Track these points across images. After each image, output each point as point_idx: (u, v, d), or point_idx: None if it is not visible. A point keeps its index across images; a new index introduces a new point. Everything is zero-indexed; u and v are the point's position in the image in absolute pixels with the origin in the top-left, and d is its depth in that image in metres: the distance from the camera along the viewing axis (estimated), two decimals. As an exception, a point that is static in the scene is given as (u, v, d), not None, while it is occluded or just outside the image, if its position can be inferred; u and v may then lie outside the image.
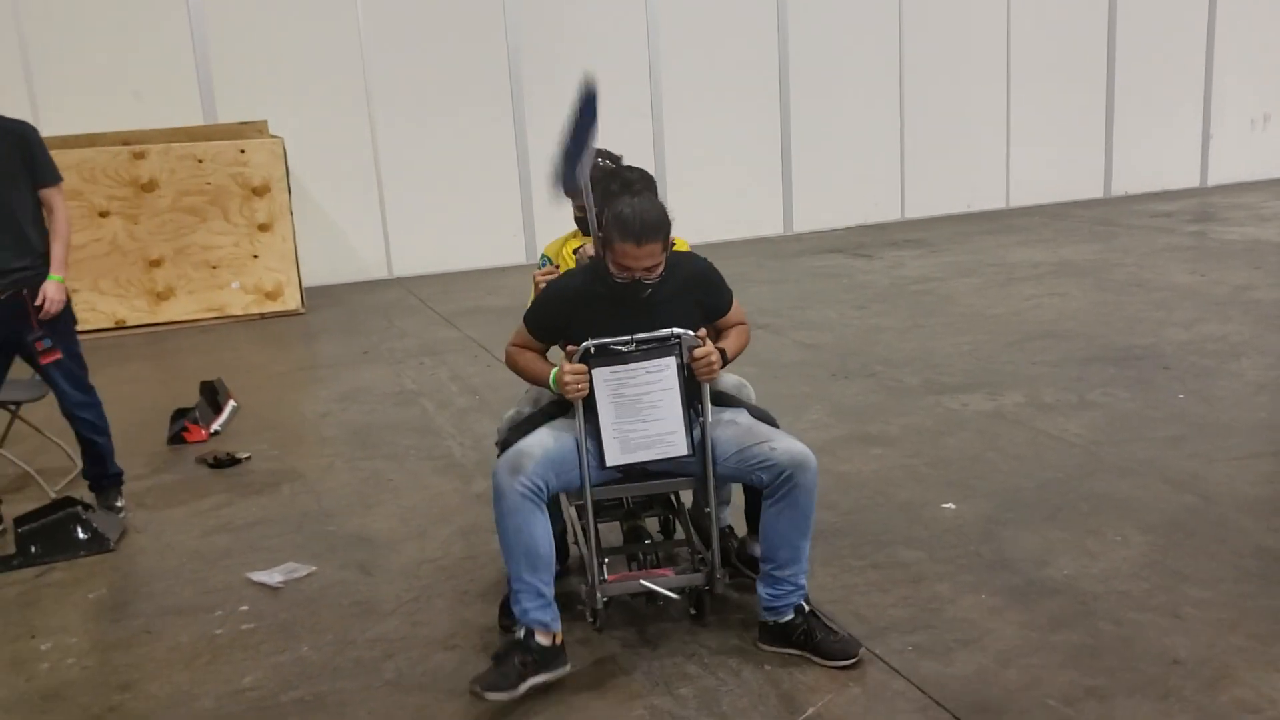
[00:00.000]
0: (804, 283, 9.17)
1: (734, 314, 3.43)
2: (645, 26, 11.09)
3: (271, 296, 9.08)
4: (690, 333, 3.13)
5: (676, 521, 3.78)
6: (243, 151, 8.86)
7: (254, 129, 9.33)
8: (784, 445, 3.12)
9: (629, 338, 3.10)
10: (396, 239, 10.75)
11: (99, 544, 4.31)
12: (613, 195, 3.27)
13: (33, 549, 4.24)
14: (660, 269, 3.14)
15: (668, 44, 11.13)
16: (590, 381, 3.10)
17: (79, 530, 4.31)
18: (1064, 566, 3.70)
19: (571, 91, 3.37)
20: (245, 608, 3.77)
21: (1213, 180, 13.58)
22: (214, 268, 8.92)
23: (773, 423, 3.31)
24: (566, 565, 3.69)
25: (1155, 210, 11.93)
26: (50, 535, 4.28)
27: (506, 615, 3.29)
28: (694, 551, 3.47)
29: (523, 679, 2.96)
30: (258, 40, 9.97)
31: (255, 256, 9.00)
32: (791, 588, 3.18)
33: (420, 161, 10.62)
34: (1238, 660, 3.07)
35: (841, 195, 11.93)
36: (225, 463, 5.27)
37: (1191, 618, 3.32)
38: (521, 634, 3.04)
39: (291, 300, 9.13)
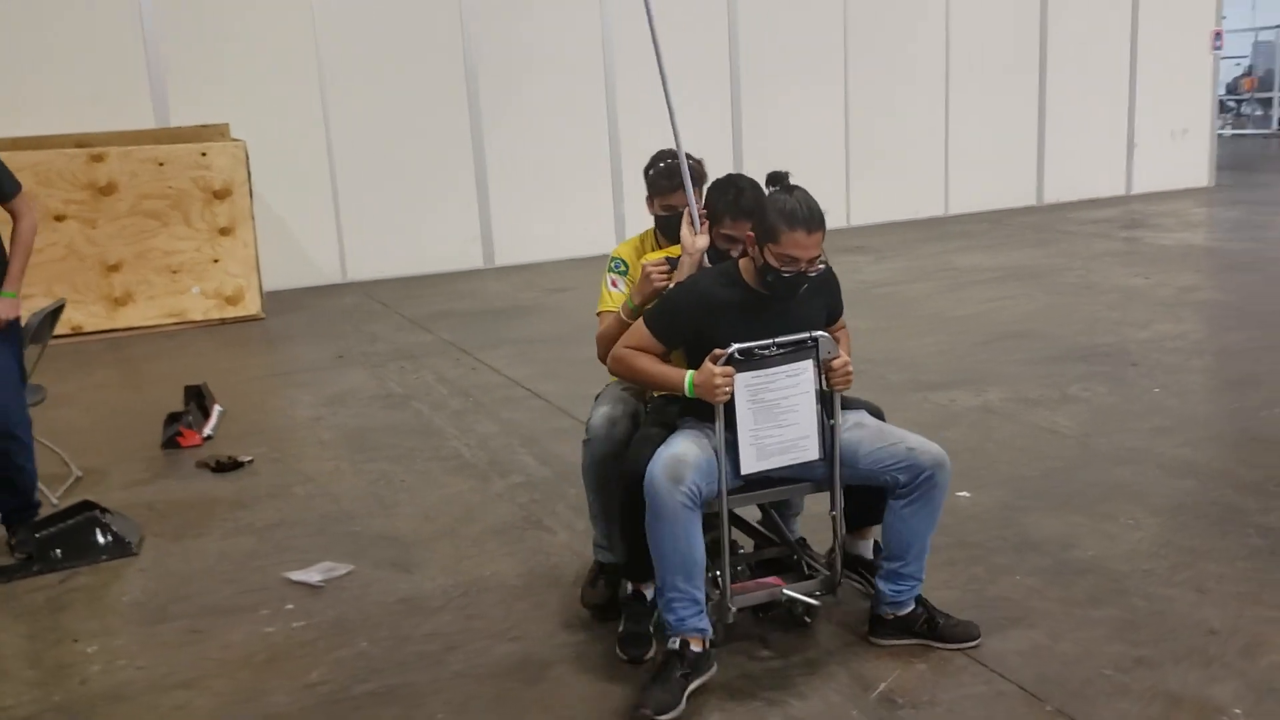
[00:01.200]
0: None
1: (843, 318, 3.45)
2: (600, 34, 11.19)
3: (232, 301, 8.97)
4: (827, 335, 3.09)
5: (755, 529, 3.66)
6: (204, 155, 8.75)
7: (215, 132, 9.22)
8: (921, 445, 3.13)
9: (770, 341, 3.01)
10: (352, 243, 10.68)
11: (121, 548, 4.26)
12: (729, 200, 3.31)
13: (54, 553, 4.18)
14: (821, 263, 3.09)
15: (621, 53, 11.24)
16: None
17: (100, 534, 4.26)
18: (1088, 548, 3.89)
19: (527, 94, 3.34)
20: (290, 606, 3.77)
21: (1136, 189, 14.13)
22: (174, 272, 8.78)
23: (882, 418, 3.34)
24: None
25: (1087, 217, 12.39)
26: (71, 539, 4.22)
27: (625, 643, 3.28)
28: (797, 557, 3.44)
29: (683, 689, 2.94)
30: (211, 43, 9.85)
31: (216, 261, 8.88)
32: (915, 583, 3.24)
33: (376, 165, 10.58)
34: (1267, 629, 3.27)
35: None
36: (228, 466, 5.23)
37: (1215, 591, 3.52)
38: (676, 643, 3.00)
39: (252, 305, 9.03)
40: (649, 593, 3.34)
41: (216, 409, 6.12)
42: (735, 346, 2.98)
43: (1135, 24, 13.76)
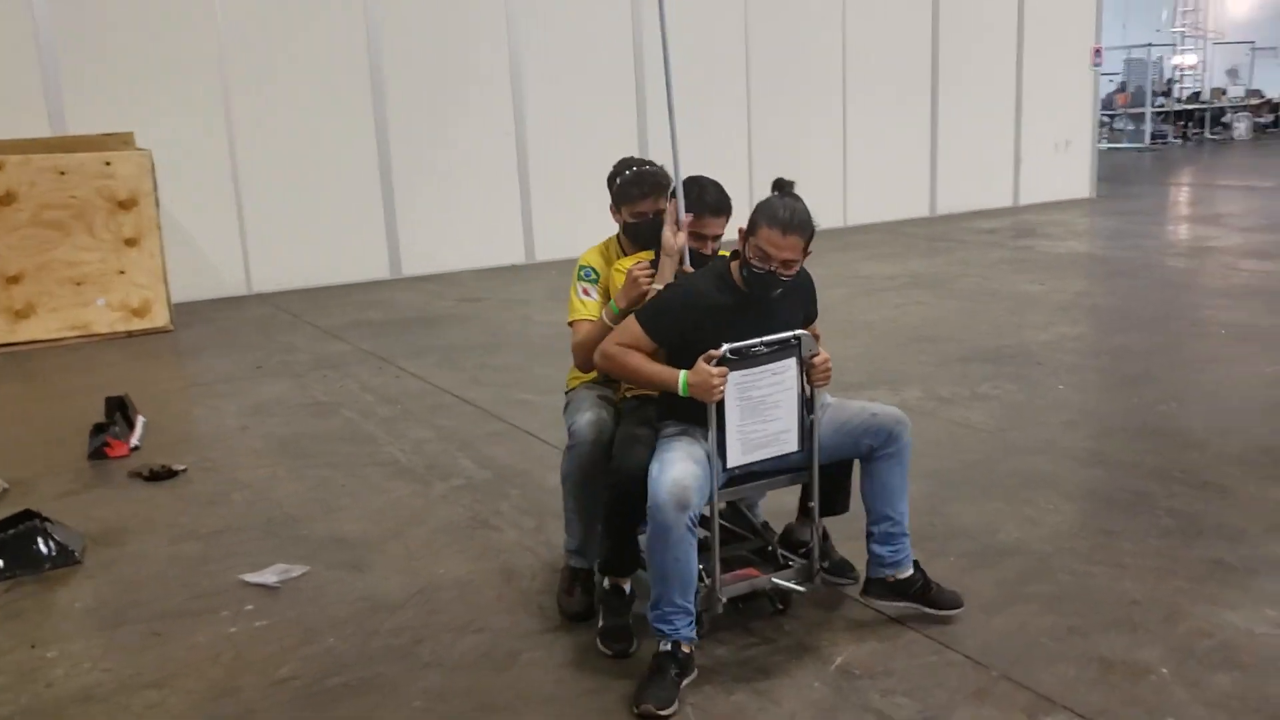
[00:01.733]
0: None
1: (817, 322, 3.62)
2: (508, 44, 11.28)
3: (139, 314, 8.80)
4: (808, 334, 3.26)
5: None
6: (108, 164, 8.58)
7: (119, 140, 9.05)
8: (881, 409, 3.37)
9: (758, 340, 3.14)
10: (257, 254, 10.56)
11: (65, 557, 4.22)
12: (693, 198, 3.50)
13: (-5, 563, 4.13)
14: (796, 269, 3.22)
15: (529, 62, 11.36)
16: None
17: (43, 543, 4.21)
18: (1011, 532, 4.15)
19: (434, 104, 3.38)
20: (250, 607, 3.80)
21: (1024, 200, 14.76)
22: (78, 284, 8.58)
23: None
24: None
25: (979, 227, 12.90)
26: (13, 549, 4.16)
27: (607, 637, 3.39)
28: (772, 548, 3.57)
29: (678, 687, 3.07)
30: (110, 50, 9.66)
31: (122, 272, 8.70)
32: (906, 539, 3.43)
33: (281, 175, 10.47)
34: (1183, 599, 3.55)
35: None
36: (162, 475, 5.19)
37: (1133, 567, 3.80)
38: (669, 646, 3.12)
39: (160, 317, 8.87)
40: (627, 587, 3.46)
41: (140, 419, 6.05)
42: (727, 347, 3.10)
43: (1021, 42, 14.39)
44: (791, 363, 3.22)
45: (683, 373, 3.15)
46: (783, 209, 3.18)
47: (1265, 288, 8.59)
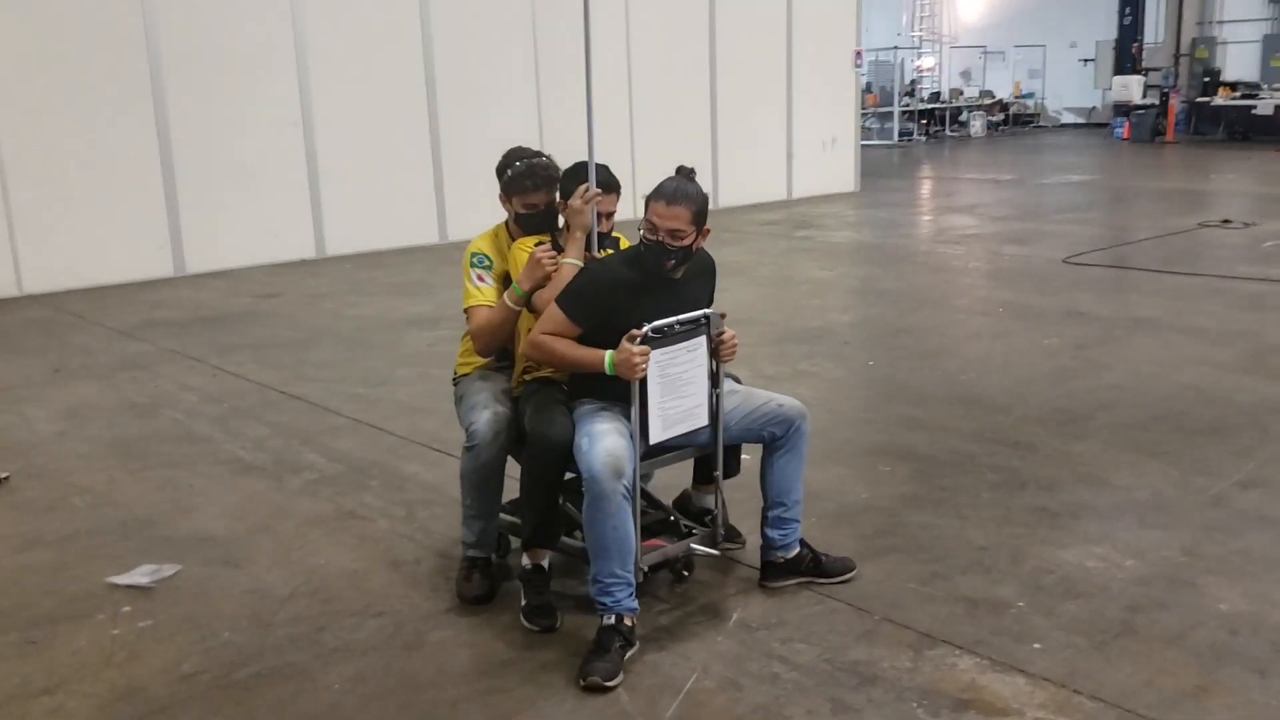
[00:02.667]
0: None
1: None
2: (292, 30, 11.00)
3: (-96, 319, 8.14)
4: (715, 314, 3.44)
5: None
6: None
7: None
8: (786, 401, 3.60)
9: (674, 319, 3.30)
10: (27, 253, 9.89)
11: (-99, 571, 3.95)
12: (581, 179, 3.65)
13: None
14: (686, 240, 3.37)
15: (314, 51, 11.11)
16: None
17: (-126, 559, 3.93)
18: (861, 492, 4.50)
19: (218, 92, 3.43)
20: (128, 609, 3.68)
21: (797, 194, 15.55)
22: None
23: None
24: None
25: (761, 219, 13.52)
26: None
27: (532, 614, 3.47)
28: (674, 519, 3.73)
29: (623, 658, 3.18)
30: None
31: (-117, 274, 8.03)
32: (796, 524, 3.66)
33: (52, 167, 9.85)
34: (1022, 542, 3.98)
35: (497, 203, 12.44)
36: (-16, 484, 4.90)
37: (974, 518, 4.21)
38: (612, 619, 3.21)
39: (-71, 322, 8.24)
40: (546, 563, 3.56)
41: (-60, 428, 5.65)
42: (649, 326, 3.25)
43: (790, 44, 15.15)
44: (702, 341, 3.42)
45: (608, 353, 3.28)
46: (670, 185, 3.41)
47: (1028, 270, 9.46)
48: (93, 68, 9.97)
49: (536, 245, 3.60)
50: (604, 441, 3.21)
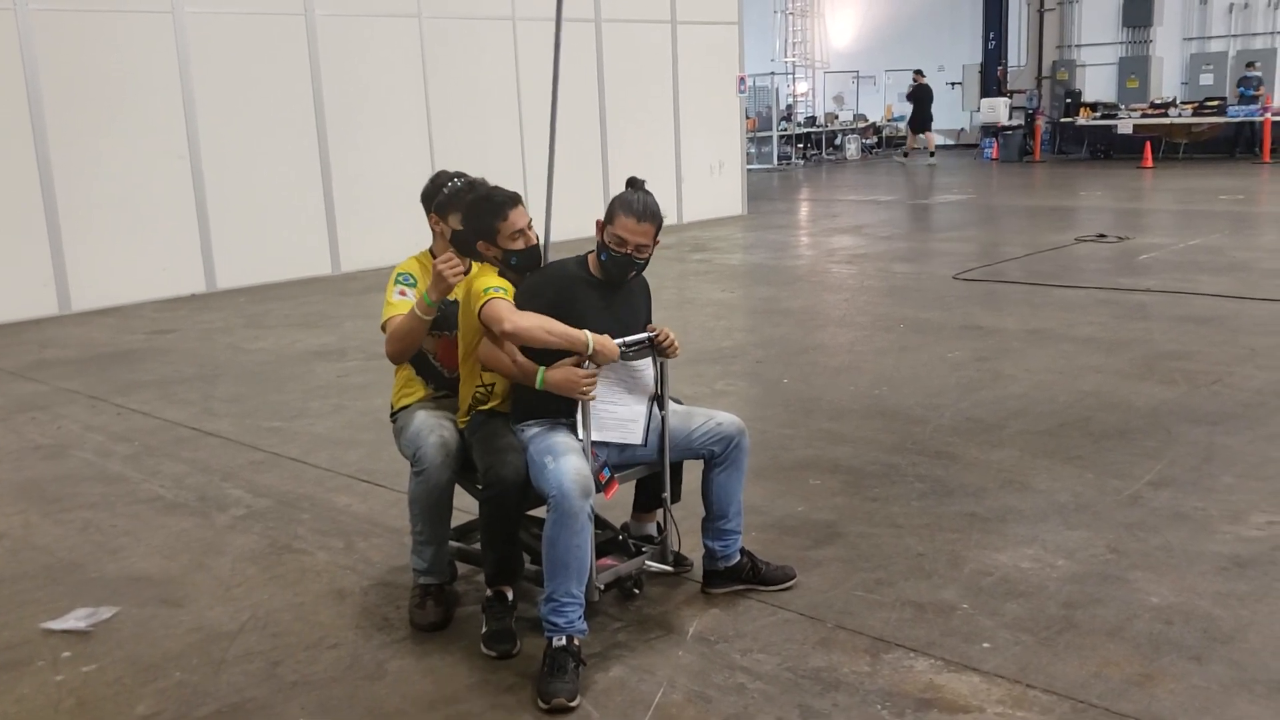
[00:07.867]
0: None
1: None
2: (177, 57, 10.75)
3: None
4: (651, 333, 3.56)
5: None
6: None
7: None
8: (725, 419, 3.68)
9: (620, 341, 3.40)
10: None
11: None
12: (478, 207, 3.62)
13: None
14: (648, 253, 3.51)
15: (200, 79, 10.89)
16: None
17: None
18: (795, 505, 4.61)
19: (102, 122, 3.47)
20: (68, 654, 3.57)
21: (687, 218, 15.75)
22: None
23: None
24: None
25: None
26: None
27: (493, 640, 3.47)
28: (623, 538, 3.81)
29: (578, 678, 3.19)
30: None
31: None
32: (737, 536, 3.74)
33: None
34: (957, 546, 4.13)
35: (389, 233, 12.31)
36: (-112, 533, 4.67)
37: (908, 525, 4.35)
38: (564, 640, 3.22)
39: None
40: (510, 593, 3.55)
41: None
42: (619, 341, 3.38)
43: (675, 69, 15.40)
44: (649, 361, 3.53)
45: (541, 369, 3.39)
46: (637, 200, 3.49)
47: (920, 286, 9.77)
48: (-33, 98, 9.60)
49: (439, 260, 3.56)
50: (570, 460, 3.26)
